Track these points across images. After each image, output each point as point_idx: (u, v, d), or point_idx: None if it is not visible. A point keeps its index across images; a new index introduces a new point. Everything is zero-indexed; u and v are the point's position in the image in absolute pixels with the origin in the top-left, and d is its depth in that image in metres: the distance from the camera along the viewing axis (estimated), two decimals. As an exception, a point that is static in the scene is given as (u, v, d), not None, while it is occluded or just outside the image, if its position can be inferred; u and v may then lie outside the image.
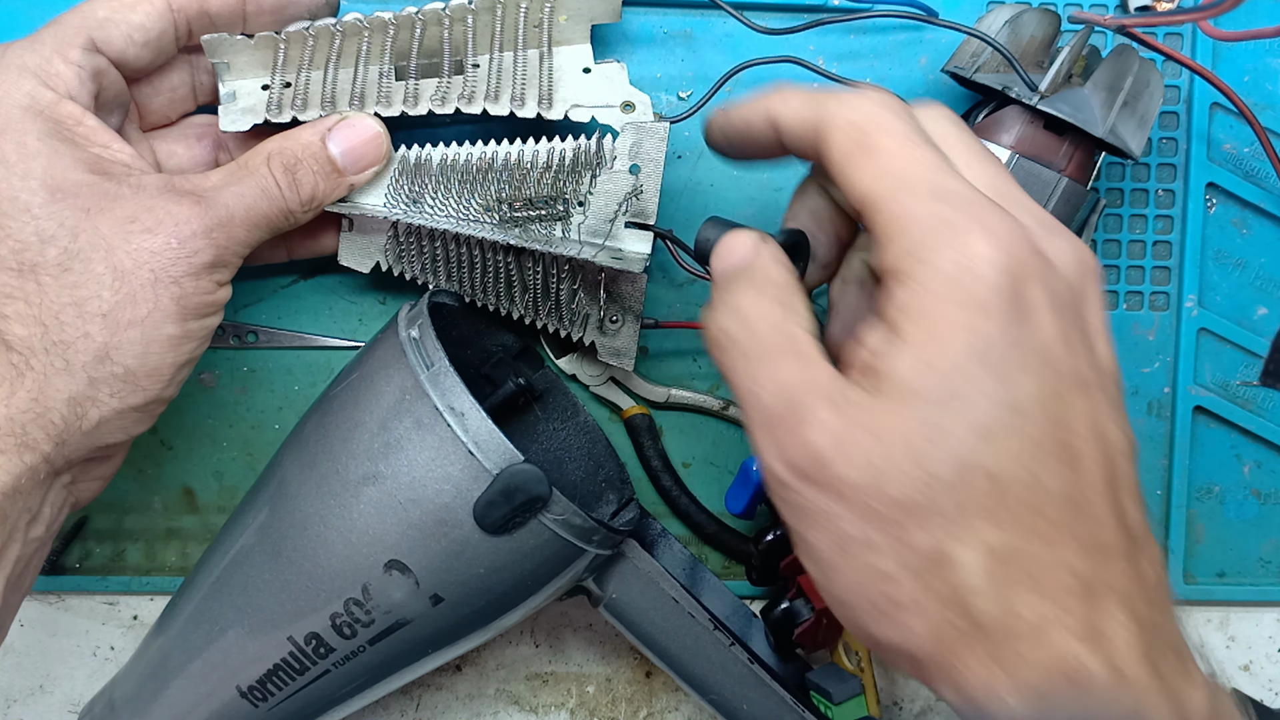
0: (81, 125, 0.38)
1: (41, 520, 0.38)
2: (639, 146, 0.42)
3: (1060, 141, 0.44)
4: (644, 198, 0.43)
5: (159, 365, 0.37)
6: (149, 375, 0.37)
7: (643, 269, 0.42)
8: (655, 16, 0.48)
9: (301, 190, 0.40)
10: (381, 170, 0.42)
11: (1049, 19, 0.43)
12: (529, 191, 0.43)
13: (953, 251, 0.28)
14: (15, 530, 0.37)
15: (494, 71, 0.43)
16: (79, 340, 0.36)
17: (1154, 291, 0.50)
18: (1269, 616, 0.52)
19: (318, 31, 0.42)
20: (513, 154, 0.43)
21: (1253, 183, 0.49)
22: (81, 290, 0.36)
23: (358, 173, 0.41)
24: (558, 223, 0.44)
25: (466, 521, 0.37)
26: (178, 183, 0.38)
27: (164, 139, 0.44)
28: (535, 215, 0.44)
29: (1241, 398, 0.50)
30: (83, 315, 0.36)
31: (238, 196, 0.39)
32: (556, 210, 0.44)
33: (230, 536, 0.42)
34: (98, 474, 0.41)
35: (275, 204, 0.39)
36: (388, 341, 0.40)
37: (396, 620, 0.39)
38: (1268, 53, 0.49)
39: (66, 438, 0.37)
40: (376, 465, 0.38)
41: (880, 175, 0.30)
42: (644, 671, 0.52)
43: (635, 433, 0.49)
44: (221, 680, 0.41)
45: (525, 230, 0.44)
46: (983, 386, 0.27)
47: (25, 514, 0.37)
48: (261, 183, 0.39)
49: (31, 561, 0.39)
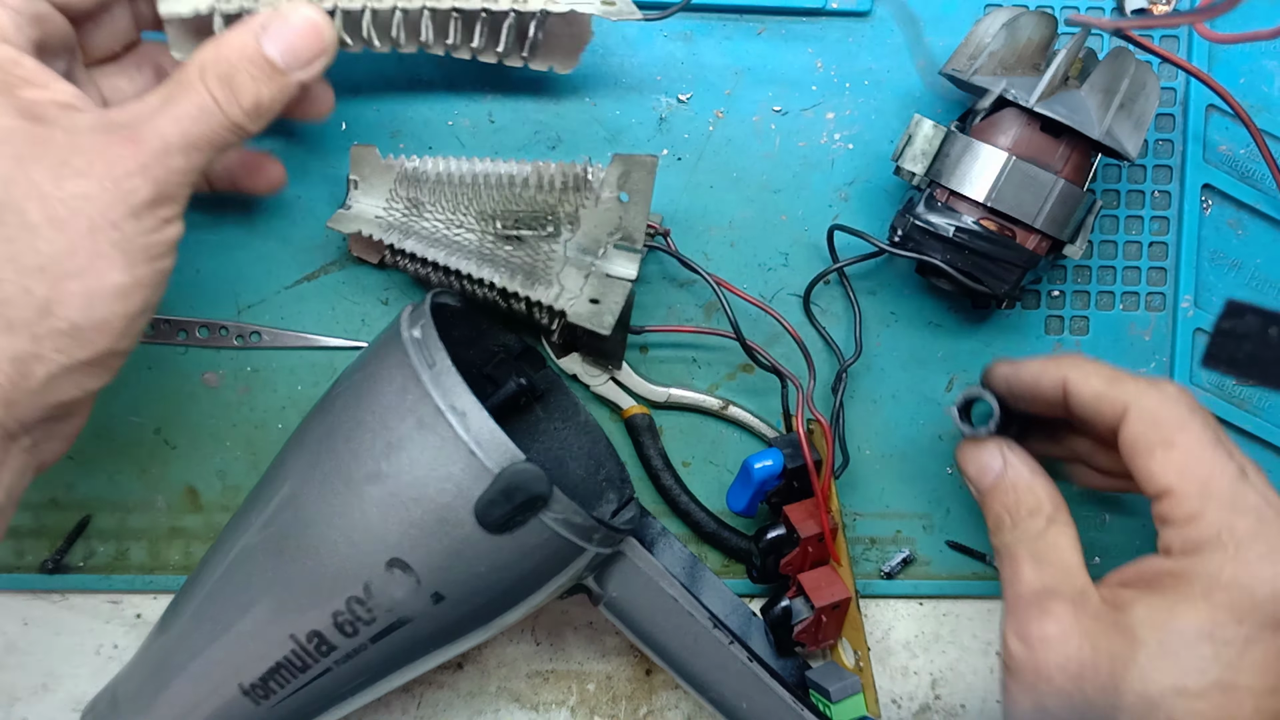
0: (19, 67, 0.35)
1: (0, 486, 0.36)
2: (627, 177, 0.43)
3: (1057, 143, 0.44)
4: (632, 225, 0.44)
5: (106, 317, 0.35)
6: (96, 329, 0.35)
7: (609, 328, 0.43)
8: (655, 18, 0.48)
9: (243, 100, 0.36)
10: (321, 63, 0.38)
11: (1046, 22, 0.43)
12: (519, 208, 0.44)
13: (1234, 568, 0.34)
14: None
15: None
16: (18, 296, 0.34)
17: (1150, 292, 0.50)
18: (1265, 615, 0.53)
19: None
20: (503, 172, 0.44)
21: (1248, 184, 0.50)
22: (17, 244, 0.34)
23: (302, 68, 0.37)
24: (546, 241, 0.44)
25: (468, 520, 0.38)
26: (113, 116, 0.36)
27: (108, 74, 0.42)
28: (525, 233, 0.44)
29: (1238, 398, 0.51)
30: (20, 270, 0.34)
31: (173, 121, 0.36)
32: (546, 229, 0.44)
33: (233, 535, 0.42)
34: (60, 433, 0.38)
35: (216, 121, 0.36)
36: (390, 341, 0.41)
37: (398, 618, 0.39)
38: (1263, 55, 0.50)
39: (15, 398, 0.34)
40: (379, 464, 0.38)
41: (1181, 473, 0.35)
42: (644, 669, 0.52)
43: (635, 432, 0.50)
44: (224, 678, 0.41)
45: (517, 247, 0.44)
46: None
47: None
48: (198, 100, 0.36)
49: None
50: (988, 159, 0.44)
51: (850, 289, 0.49)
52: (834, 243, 0.48)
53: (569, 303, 0.43)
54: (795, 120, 0.49)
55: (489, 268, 0.44)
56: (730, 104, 0.49)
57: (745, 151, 0.49)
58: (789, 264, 0.50)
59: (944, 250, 0.45)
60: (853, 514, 0.51)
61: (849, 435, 0.50)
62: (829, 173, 0.49)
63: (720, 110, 0.49)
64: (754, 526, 0.50)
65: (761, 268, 0.49)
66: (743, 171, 0.49)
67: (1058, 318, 0.50)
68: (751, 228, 0.49)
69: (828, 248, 0.48)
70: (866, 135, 0.49)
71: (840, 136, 0.49)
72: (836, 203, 0.49)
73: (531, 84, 0.48)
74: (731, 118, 0.49)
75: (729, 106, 0.49)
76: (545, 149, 0.48)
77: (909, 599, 0.52)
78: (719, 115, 0.49)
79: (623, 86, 0.48)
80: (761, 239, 0.49)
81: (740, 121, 0.49)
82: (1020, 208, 0.44)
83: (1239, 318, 0.32)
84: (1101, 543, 0.51)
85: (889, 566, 0.51)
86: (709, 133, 0.49)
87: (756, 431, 0.50)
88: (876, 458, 0.51)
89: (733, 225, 0.49)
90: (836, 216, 0.49)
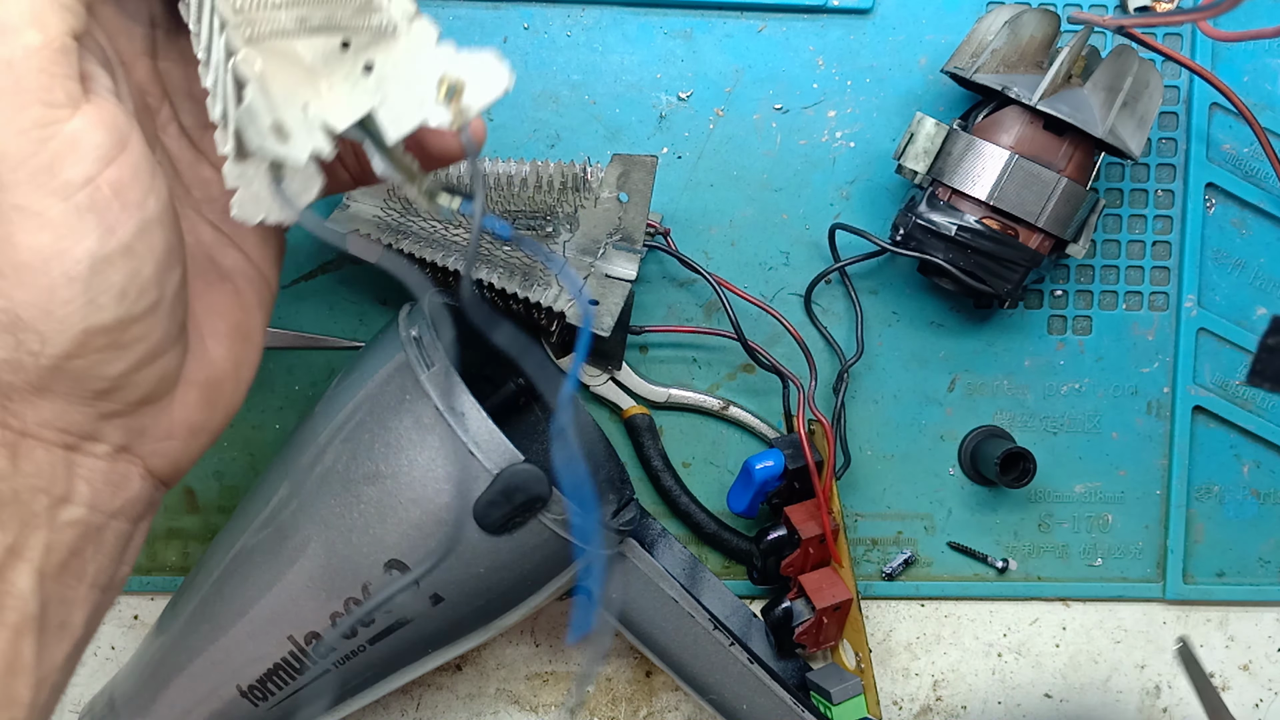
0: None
1: (78, 501, 0.31)
2: (627, 177, 0.43)
3: (1060, 142, 0.44)
4: (631, 225, 0.43)
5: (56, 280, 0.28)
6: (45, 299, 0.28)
7: (609, 329, 0.42)
8: (655, 17, 0.48)
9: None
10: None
11: (1048, 19, 0.43)
12: (517, 208, 0.44)
13: None
14: (31, 517, 0.30)
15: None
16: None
17: (1153, 291, 0.50)
18: (1268, 616, 0.52)
19: None
20: (501, 172, 0.44)
21: (1252, 183, 0.49)
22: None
23: None
24: (544, 241, 0.44)
25: (467, 521, 0.38)
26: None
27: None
28: (523, 233, 0.44)
29: (1240, 398, 0.51)
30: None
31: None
32: (544, 230, 0.44)
33: (231, 536, 0.42)
34: (153, 430, 0.32)
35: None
36: (388, 342, 0.40)
37: (397, 620, 0.39)
38: (1267, 53, 0.49)
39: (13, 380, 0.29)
40: (377, 465, 0.38)
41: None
42: (644, 671, 0.52)
43: (635, 433, 0.49)
44: (222, 679, 0.41)
45: (515, 248, 0.44)
46: None
47: (40, 496, 0.30)
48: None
49: (85, 550, 0.32)
50: (990, 157, 0.43)
51: (852, 288, 0.49)
52: (835, 242, 0.48)
53: (568, 304, 0.43)
54: (796, 118, 0.49)
55: (487, 268, 0.43)
56: (731, 102, 0.49)
57: (746, 150, 0.49)
58: (790, 263, 0.49)
59: (946, 249, 0.45)
60: (854, 515, 0.51)
61: (850, 436, 0.50)
62: (830, 171, 0.49)
63: (720, 108, 0.49)
64: (755, 528, 0.49)
65: (762, 267, 0.49)
66: (743, 170, 0.49)
67: (1060, 317, 0.50)
68: (752, 227, 0.49)
69: (829, 247, 0.48)
70: (868, 133, 0.49)
71: (842, 135, 0.49)
72: (838, 201, 0.49)
73: (530, 81, 0.48)
74: (732, 116, 0.49)
75: (729, 104, 0.49)
76: (544, 147, 0.48)
77: (910, 600, 0.52)
78: (719, 113, 0.49)
79: (622, 84, 0.48)
80: (762, 238, 0.49)
81: (741, 120, 0.49)
82: (1023, 206, 0.43)
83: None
84: (1103, 543, 0.51)
85: (890, 567, 0.51)
86: (709, 131, 0.49)
87: (757, 432, 0.50)
88: (878, 458, 0.50)
89: (733, 224, 0.49)
90: (838, 215, 0.49)
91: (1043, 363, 0.50)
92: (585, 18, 0.48)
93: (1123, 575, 0.51)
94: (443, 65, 0.29)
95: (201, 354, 0.33)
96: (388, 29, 0.30)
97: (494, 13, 0.48)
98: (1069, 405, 0.50)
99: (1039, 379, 0.50)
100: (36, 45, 0.27)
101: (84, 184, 0.28)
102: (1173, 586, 0.51)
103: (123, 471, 0.32)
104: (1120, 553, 0.51)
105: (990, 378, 0.50)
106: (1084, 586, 0.51)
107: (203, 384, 0.33)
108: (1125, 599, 0.52)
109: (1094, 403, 0.50)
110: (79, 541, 0.32)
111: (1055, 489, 0.51)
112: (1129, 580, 0.51)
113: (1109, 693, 0.52)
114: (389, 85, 0.29)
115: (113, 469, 0.32)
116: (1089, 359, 0.50)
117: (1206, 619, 0.52)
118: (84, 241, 0.28)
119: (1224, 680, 0.53)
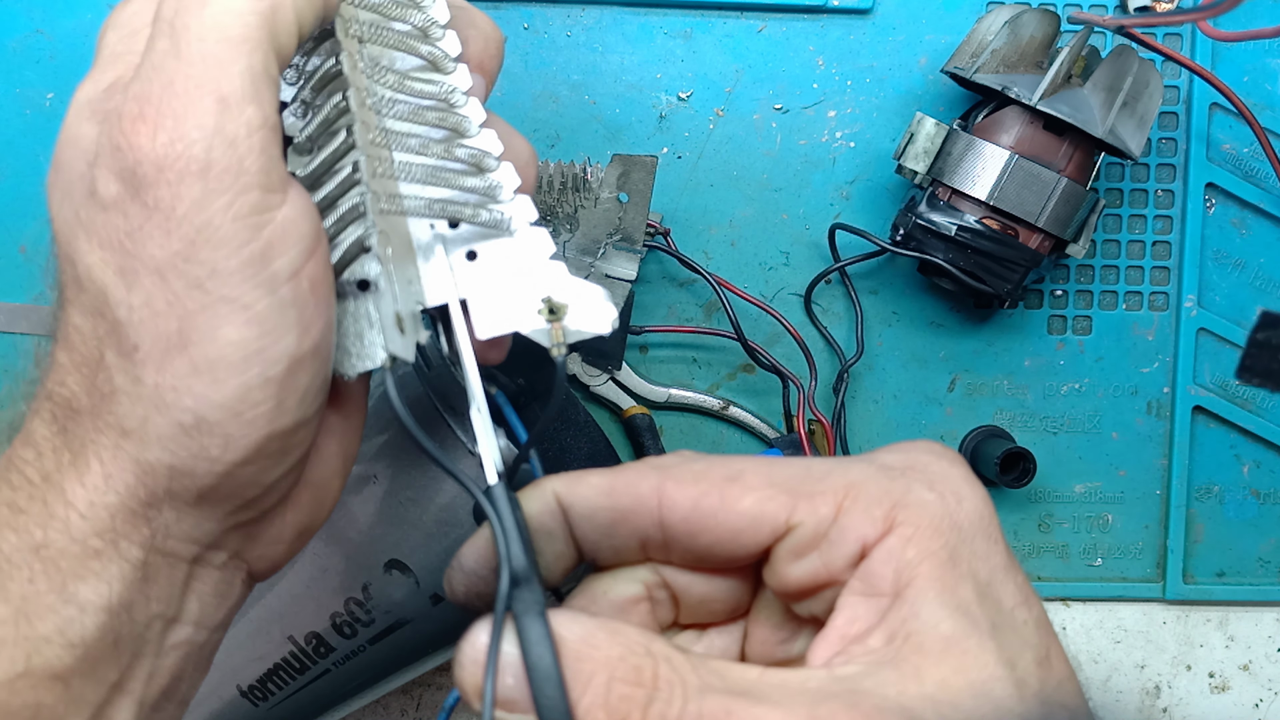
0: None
1: (186, 619, 0.28)
2: (627, 177, 0.43)
3: (1060, 142, 0.44)
4: (631, 226, 0.43)
5: (236, 392, 0.25)
6: (228, 413, 0.25)
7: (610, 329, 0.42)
8: (655, 17, 0.48)
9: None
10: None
11: (1048, 19, 0.43)
12: None
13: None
14: (143, 646, 0.27)
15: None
16: (128, 387, 0.25)
17: (1153, 291, 0.50)
18: (1268, 616, 0.52)
19: None
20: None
21: (1252, 183, 0.49)
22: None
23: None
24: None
25: (466, 521, 0.38)
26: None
27: None
28: None
29: (1240, 398, 0.51)
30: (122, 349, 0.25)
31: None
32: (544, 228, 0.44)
33: (231, 536, 0.42)
34: (265, 535, 0.29)
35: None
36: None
37: (397, 620, 0.39)
38: (1267, 53, 0.49)
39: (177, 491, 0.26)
40: (377, 465, 0.38)
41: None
42: (644, 671, 0.52)
43: (635, 433, 0.49)
44: (222, 679, 0.41)
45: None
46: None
47: (156, 621, 0.27)
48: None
49: (183, 670, 0.28)
50: (990, 157, 0.43)
51: (852, 288, 0.49)
52: (835, 242, 0.48)
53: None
54: (796, 118, 0.49)
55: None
56: (731, 102, 0.49)
57: (746, 150, 0.49)
58: (790, 263, 0.49)
59: (946, 249, 0.45)
60: (854, 514, 0.51)
61: (850, 436, 0.50)
62: (830, 171, 0.49)
63: (720, 108, 0.49)
64: (755, 527, 0.49)
65: (762, 267, 0.49)
66: (743, 170, 0.49)
67: (1060, 317, 0.50)
68: (752, 227, 0.49)
69: (829, 247, 0.48)
70: (868, 133, 0.49)
71: (842, 135, 0.49)
72: (838, 201, 0.49)
73: (530, 81, 0.48)
74: (732, 116, 0.49)
75: (729, 104, 0.49)
76: (544, 147, 0.48)
77: (910, 600, 0.52)
78: (719, 113, 0.49)
79: (622, 84, 0.48)
80: (762, 238, 0.49)
81: (741, 119, 0.49)
82: (1023, 206, 0.43)
83: (1274, 329, 0.31)
84: (1103, 543, 0.51)
85: (890, 567, 0.51)
86: (709, 131, 0.49)
87: (757, 432, 0.50)
88: (878, 458, 0.50)
89: (733, 224, 0.49)
90: (838, 215, 0.49)
91: (1043, 363, 0.50)
92: (585, 18, 0.48)
93: (1122, 575, 0.51)
94: (552, 282, 0.28)
95: (316, 452, 0.30)
96: (504, 226, 0.29)
97: (494, 13, 0.48)
98: (1069, 405, 0.50)
99: (1039, 379, 0.50)
100: (258, 123, 0.25)
101: (290, 277, 0.25)
102: (1173, 586, 0.51)
103: (229, 580, 0.29)
104: (1120, 553, 0.51)
105: (990, 378, 0.50)
106: (1084, 586, 0.51)
107: (315, 484, 0.30)
108: (1125, 599, 0.52)
109: (1094, 403, 0.50)
110: (181, 665, 0.28)
111: (1055, 489, 0.51)
112: (1129, 580, 0.51)
113: (1109, 693, 0.52)
114: (491, 281, 0.28)
115: (223, 578, 0.29)
116: (1089, 359, 0.50)
117: (1206, 619, 0.52)
118: (283, 340, 0.25)
119: (1224, 680, 0.53)
